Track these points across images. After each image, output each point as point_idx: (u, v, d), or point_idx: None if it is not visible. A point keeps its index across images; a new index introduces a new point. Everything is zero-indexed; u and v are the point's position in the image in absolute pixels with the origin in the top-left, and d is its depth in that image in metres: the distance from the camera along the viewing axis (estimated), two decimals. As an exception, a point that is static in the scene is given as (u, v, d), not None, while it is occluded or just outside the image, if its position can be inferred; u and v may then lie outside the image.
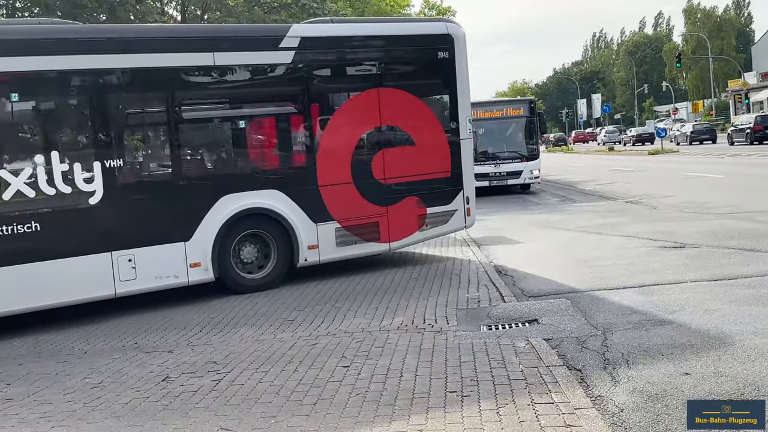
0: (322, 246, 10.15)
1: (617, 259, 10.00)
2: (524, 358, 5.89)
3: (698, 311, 6.86)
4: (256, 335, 7.56)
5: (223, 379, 6.01)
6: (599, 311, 7.27)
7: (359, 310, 8.27)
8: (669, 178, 23.79)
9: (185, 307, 9.23)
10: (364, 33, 10.92)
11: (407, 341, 6.71)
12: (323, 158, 10.12)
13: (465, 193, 11.26)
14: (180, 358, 6.82)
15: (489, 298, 8.32)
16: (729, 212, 13.70)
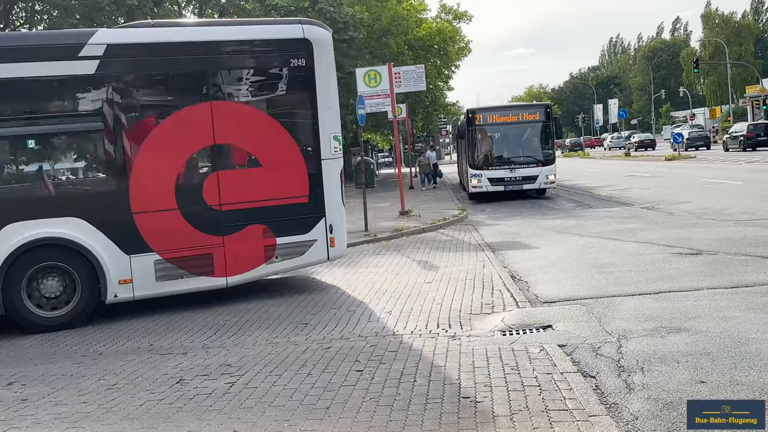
0: (137, 280, 8.94)
1: (633, 266, 9.93)
2: (538, 364, 5.85)
3: (714, 319, 6.80)
4: (270, 338, 7.57)
5: (236, 382, 6.02)
6: (614, 318, 7.21)
7: (373, 314, 8.27)
8: (686, 184, 23.60)
9: (199, 309, 9.26)
10: (192, 38, 9.53)
11: (421, 346, 6.69)
12: (138, 181, 8.92)
13: (328, 220, 9.87)
14: (194, 361, 6.84)
15: (503, 304, 8.29)
16: (747, 219, 13.57)
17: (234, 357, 6.86)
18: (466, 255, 12.27)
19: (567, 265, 10.60)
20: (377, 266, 11.74)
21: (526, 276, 10.05)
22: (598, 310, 7.60)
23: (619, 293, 8.31)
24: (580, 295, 8.45)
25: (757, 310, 6.96)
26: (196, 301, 9.53)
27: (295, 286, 10.60)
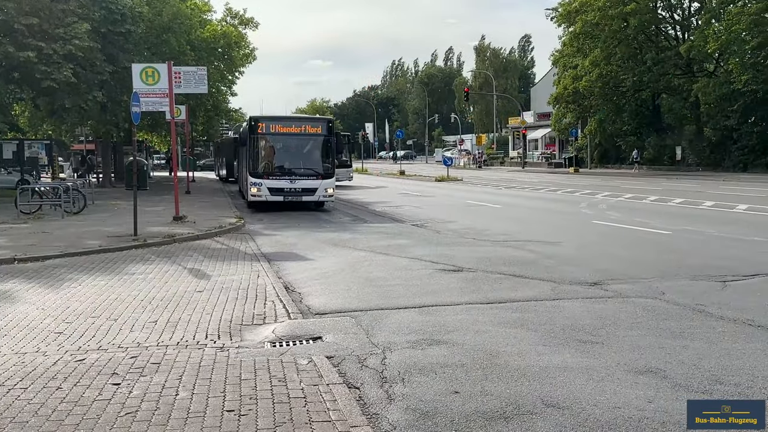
0: None
1: (401, 280, 10.39)
2: (305, 375, 5.91)
3: (470, 332, 7.30)
4: (17, 348, 6.91)
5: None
6: (381, 330, 7.49)
7: (136, 323, 7.87)
8: (452, 204, 25.26)
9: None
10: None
11: (186, 358, 6.48)
12: None
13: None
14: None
15: (275, 315, 8.28)
16: (503, 240, 14.80)
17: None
18: (241, 264, 12.11)
19: (340, 277, 10.85)
20: (145, 273, 11.20)
21: (300, 287, 10.13)
22: (367, 322, 7.85)
23: (387, 306, 8.65)
24: (351, 307, 8.68)
25: (507, 325, 7.60)
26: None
27: (50, 290, 9.78)
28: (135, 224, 15.61)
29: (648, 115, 52.51)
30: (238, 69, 42.64)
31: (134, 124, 16.51)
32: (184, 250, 14.04)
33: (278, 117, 25.26)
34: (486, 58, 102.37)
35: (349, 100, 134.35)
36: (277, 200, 22.60)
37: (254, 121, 23.36)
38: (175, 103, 19.20)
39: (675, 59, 45.30)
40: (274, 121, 23.86)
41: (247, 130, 23.48)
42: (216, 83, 39.77)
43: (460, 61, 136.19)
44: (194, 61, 33.10)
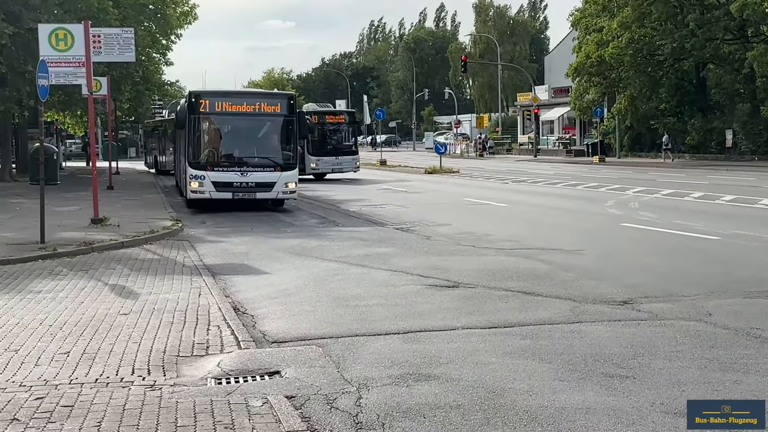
0: None
1: (381, 299, 10.40)
2: (259, 421, 5.90)
3: (468, 364, 7.33)
4: None
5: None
6: (356, 362, 7.50)
7: (43, 355, 7.81)
8: (446, 203, 25.35)
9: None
10: None
11: (107, 399, 6.44)
12: None
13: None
14: None
15: (221, 343, 8.25)
16: (510, 247, 14.88)
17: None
18: (178, 279, 12.07)
19: (304, 295, 10.85)
20: (54, 291, 11.13)
21: (253, 308, 10.11)
22: (338, 352, 7.85)
23: (364, 332, 8.66)
24: (318, 333, 8.68)
25: (514, 355, 7.63)
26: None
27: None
28: (42, 228, 15.49)
29: (691, 90, 53.02)
30: (174, 31, 42.46)
31: (41, 100, 16.36)
32: (105, 261, 13.95)
33: (226, 92, 25.20)
34: (488, 19, 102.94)
35: (315, 71, 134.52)
36: (224, 198, 22.54)
37: (195, 98, 23.27)
38: (93, 75, 19.07)
39: (725, 20, 45.74)
40: (220, 97, 23.78)
41: (186, 109, 23.37)
42: (146, 49, 39.57)
43: (456, 23, 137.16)
44: (118, 21, 32.90)
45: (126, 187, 32.21)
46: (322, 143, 39.18)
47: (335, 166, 39.30)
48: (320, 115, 39.86)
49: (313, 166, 38.31)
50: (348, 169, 39.76)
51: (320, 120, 39.09)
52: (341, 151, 39.89)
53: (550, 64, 79.25)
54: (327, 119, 40.39)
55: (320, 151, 38.76)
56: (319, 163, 38.60)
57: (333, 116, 41.81)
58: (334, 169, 39.41)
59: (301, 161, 36.70)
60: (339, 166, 39.38)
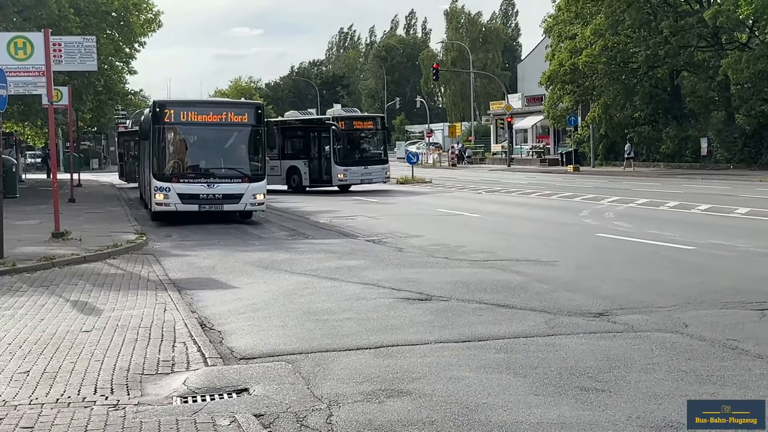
0: None
1: (352, 313, 10.41)
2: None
3: (442, 379, 7.33)
4: None
5: None
6: (326, 378, 7.48)
7: (2, 374, 7.74)
8: (418, 213, 25.39)
9: None
10: None
11: (68, 420, 6.38)
12: None
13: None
14: None
15: (187, 361, 8.21)
16: (483, 259, 14.93)
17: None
18: (142, 295, 11.99)
19: (273, 310, 10.83)
20: (13, 308, 11.02)
21: (220, 324, 10.08)
22: (308, 368, 7.83)
23: (335, 347, 8.65)
24: (287, 349, 8.66)
25: (489, 370, 7.64)
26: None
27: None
28: (0, 243, 15.34)
29: (665, 98, 53.56)
30: (137, 39, 42.31)
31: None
32: (67, 276, 13.84)
33: (191, 102, 25.10)
34: (460, 26, 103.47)
35: (284, 80, 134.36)
36: (190, 210, 22.42)
37: (159, 108, 23.16)
38: (54, 84, 18.94)
39: (698, 28, 46.27)
40: (185, 106, 23.67)
41: (150, 120, 23.28)
42: (109, 58, 39.35)
43: (427, 30, 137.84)
44: (80, 29, 32.74)
45: (88, 200, 31.96)
46: (350, 152, 37.00)
47: (364, 176, 36.93)
48: (347, 121, 37.54)
49: (341, 176, 36.10)
50: (377, 180, 37.76)
51: (347, 126, 36.95)
52: (370, 160, 37.74)
53: (523, 71, 79.72)
54: (355, 125, 37.92)
55: (348, 161, 36.43)
56: (347, 174, 36.15)
57: (361, 122, 39.19)
58: (363, 180, 37.07)
59: (327, 172, 36.19)
60: (368, 176, 37.11)
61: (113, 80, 42.95)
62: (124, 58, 43.24)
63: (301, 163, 37.50)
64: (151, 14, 42.15)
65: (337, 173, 35.88)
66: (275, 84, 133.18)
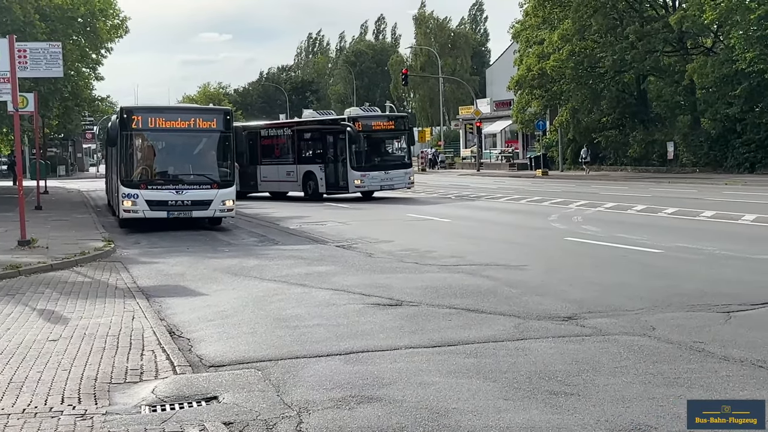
0: None
1: (322, 319, 10.40)
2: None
3: (412, 385, 7.34)
4: None
5: None
6: (296, 385, 7.47)
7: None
8: (388, 219, 25.42)
9: None
10: None
11: (35, 430, 6.32)
12: None
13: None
14: None
15: (156, 369, 8.17)
16: (453, 264, 14.97)
17: None
18: (110, 303, 11.91)
19: (243, 317, 10.80)
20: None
21: (189, 332, 10.05)
22: (278, 375, 7.82)
23: (305, 354, 8.64)
24: (257, 356, 8.65)
25: (459, 375, 7.67)
26: None
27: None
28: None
29: (632, 103, 54.01)
30: (104, 45, 41.96)
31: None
32: (33, 285, 13.72)
33: (159, 108, 25.03)
34: (429, 31, 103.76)
35: (253, 85, 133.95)
36: (159, 217, 22.30)
37: (126, 114, 23.01)
38: (19, 91, 18.76)
39: (664, 33, 46.72)
40: (153, 112, 23.55)
41: (117, 126, 23.11)
42: (75, 64, 39.00)
43: (396, 35, 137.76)
44: (45, 34, 32.44)
45: (55, 207, 31.66)
46: (368, 155, 34.32)
47: (385, 182, 34.23)
48: (365, 121, 34.56)
49: (358, 183, 33.59)
50: (400, 186, 35.04)
51: (365, 127, 34.10)
52: (392, 164, 35.12)
53: (492, 76, 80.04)
54: (374, 126, 34.86)
55: (366, 165, 33.82)
56: (366, 180, 33.57)
57: (381, 122, 35.96)
58: (383, 186, 34.45)
59: (343, 178, 33.74)
60: (389, 182, 34.33)
61: (80, 86, 42.59)
62: (91, 64, 42.85)
63: (317, 168, 35.11)
64: (118, 20, 41.81)
65: (353, 179, 33.40)
66: (244, 90, 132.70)
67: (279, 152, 38.44)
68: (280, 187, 37.88)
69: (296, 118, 44.59)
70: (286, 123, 43.92)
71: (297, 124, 38.88)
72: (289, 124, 37.99)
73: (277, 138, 39.23)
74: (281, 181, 37.35)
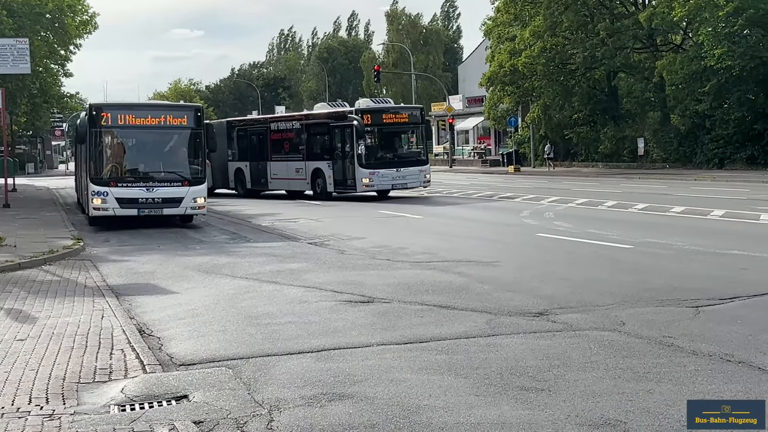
0: None
1: (294, 316, 10.38)
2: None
3: (383, 382, 7.35)
4: None
5: None
6: (267, 383, 7.45)
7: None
8: (361, 215, 25.39)
9: None
10: None
11: (1, 431, 6.26)
12: None
13: None
14: None
15: (125, 368, 8.12)
16: (426, 260, 14.99)
17: None
18: (79, 302, 11.81)
19: (214, 315, 10.76)
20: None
21: (159, 330, 10.00)
22: (249, 373, 7.79)
23: (276, 351, 8.62)
24: (228, 354, 8.61)
25: (430, 371, 7.67)
26: None
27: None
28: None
29: (603, 99, 54.31)
30: (73, 41, 41.64)
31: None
32: (1, 284, 13.58)
33: (129, 105, 24.89)
34: (401, 28, 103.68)
35: (225, 82, 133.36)
36: (129, 214, 22.13)
37: (95, 111, 22.81)
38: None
39: (634, 29, 47.03)
40: (123, 109, 23.41)
41: (86, 123, 22.87)
42: (43, 60, 38.71)
43: (369, 32, 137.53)
44: (12, 30, 32.15)
45: (24, 205, 31.34)
46: (378, 151, 31.75)
47: (396, 180, 31.41)
48: (374, 114, 31.63)
49: (366, 182, 30.62)
50: (414, 184, 32.30)
51: (374, 120, 31.33)
52: (405, 161, 32.14)
53: (464, 73, 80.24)
54: (384, 119, 32.05)
55: (375, 162, 30.97)
56: (375, 178, 30.64)
57: (393, 114, 32.93)
58: (394, 185, 31.75)
59: (350, 176, 30.76)
60: (401, 180, 31.53)
61: (48, 83, 42.25)
62: (60, 61, 42.54)
63: (325, 165, 32.13)
64: (87, 16, 41.47)
65: (361, 177, 30.47)
66: (216, 86, 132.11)
67: (288, 147, 35.43)
68: (290, 186, 35.09)
69: (305, 110, 42.68)
70: (294, 116, 40.49)
71: (305, 117, 36.45)
72: (298, 117, 35.69)
73: (287, 132, 36.07)
74: (291, 179, 34.65)
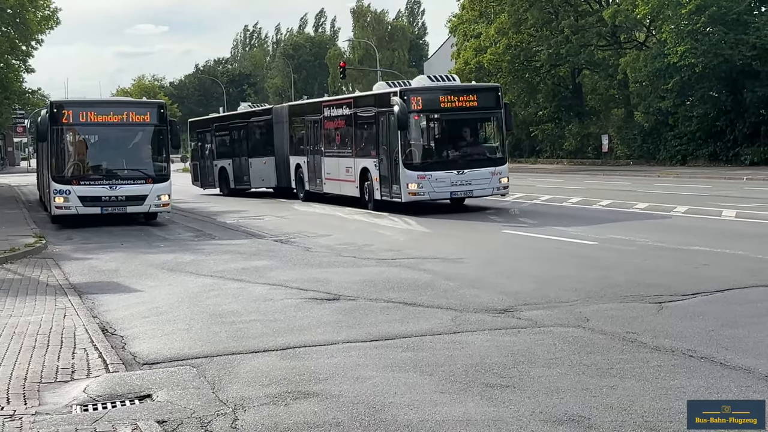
0: None
1: (259, 314, 10.36)
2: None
3: (349, 379, 7.34)
4: None
5: None
6: (232, 382, 7.43)
7: None
8: (328, 213, 25.31)
9: None
10: None
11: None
12: None
13: None
14: None
15: (88, 367, 8.06)
16: (391, 257, 15.00)
17: None
18: (41, 300, 11.69)
19: (178, 313, 10.72)
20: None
21: (122, 329, 9.93)
22: (213, 372, 7.76)
23: (241, 350, 8.59)
24: (192, 353, 8.58)
25: (395, 369, 7.68)
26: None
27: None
28: None
29: (568, 96, 54.76)
30: (34, 37, 41.13)
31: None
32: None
33: (91, 101, 24.53)
34: (366, 24, 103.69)
35: (189, 78, 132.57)
36: (92, 213, 21.93)
37: (57, 108, 22.57)
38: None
39: (598, 27, 47.45)
40: (84, 106, 23.15)
41: (48, 120, 22.60)
42: (4, 56, 38.25)
43: (335, 28, 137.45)
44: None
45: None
46: (432, 147, 23.86)
47: (457, 186, 22.83)
48: (427, 94, 23.48)
49: (414, 188, 22.46)
50: (483, 191, 23.57)
51: (428, 104, 23.24)
52: (471, 160, 23.44)
53: (430, 70, 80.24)
54: (442, 103, 23.55)
55: (427, 162, 22.93)
56: (425, 183, 22.45)
57: (455, 96, 23.73)
58: (454, 192, 23.16)
59: (395, 179, 23.02)
60: (465, 186, 22.92)
61: (9, 79, 41.75)
62: (21, 56, 41.99)
63: (372, 164, 24.45)
64: (48, 11, 41.00)
65: (406, 182, 22.50)
66: (180, 82, 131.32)
67: (339, 139, 27.75)
68: (341, 189, 27.21)
69: (337, 95, 34.89)
70: (344, 99, 30.48)
71: (354, 101, 27.55)
72: (347, 101, 28.05)
73: (337, 120, 27.79)
74: (342, 180, 26.98)
